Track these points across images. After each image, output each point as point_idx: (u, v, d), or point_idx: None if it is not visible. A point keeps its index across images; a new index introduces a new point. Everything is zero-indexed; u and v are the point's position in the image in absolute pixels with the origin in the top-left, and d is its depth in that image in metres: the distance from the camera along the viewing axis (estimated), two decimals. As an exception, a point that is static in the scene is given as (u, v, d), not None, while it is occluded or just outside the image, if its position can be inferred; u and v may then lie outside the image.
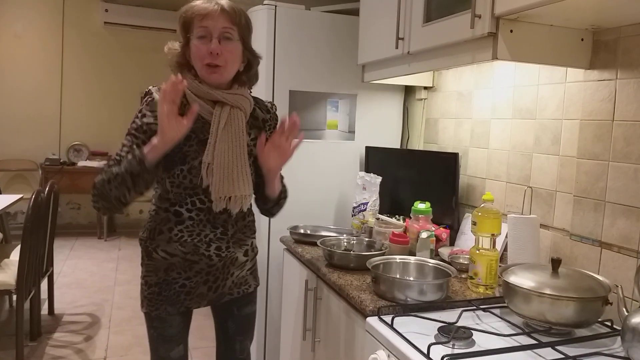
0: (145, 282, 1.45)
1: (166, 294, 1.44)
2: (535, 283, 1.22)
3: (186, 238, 1.41)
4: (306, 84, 2.33)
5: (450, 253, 1.78)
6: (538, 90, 1.67)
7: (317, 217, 2.36)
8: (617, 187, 1.36)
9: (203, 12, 1.34)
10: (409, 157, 2.23)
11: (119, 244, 5.41)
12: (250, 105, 1.47)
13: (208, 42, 1.34)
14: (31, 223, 2.64)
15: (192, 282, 1.45)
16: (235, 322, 1.61)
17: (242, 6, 1.44)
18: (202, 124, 1.39)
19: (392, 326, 1.23)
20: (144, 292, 1.46)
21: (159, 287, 1.44)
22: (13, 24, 5.50)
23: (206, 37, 1.35)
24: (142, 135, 1.35)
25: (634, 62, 1.32)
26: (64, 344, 2.97)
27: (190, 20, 1.36)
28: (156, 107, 1.30)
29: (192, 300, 1.47)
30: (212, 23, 1.34)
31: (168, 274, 1.43)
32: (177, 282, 1.43)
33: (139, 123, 1.36)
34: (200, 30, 1.35)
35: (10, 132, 5.57)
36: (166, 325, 1.46)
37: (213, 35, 1.34)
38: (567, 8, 1.19)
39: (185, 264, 1.43)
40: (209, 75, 1.37)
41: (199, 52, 1.35)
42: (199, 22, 1.34)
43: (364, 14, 2.07)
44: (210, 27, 1.34)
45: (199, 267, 1.45)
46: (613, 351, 1.14)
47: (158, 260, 1.43)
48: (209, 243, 1.44)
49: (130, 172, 1.28)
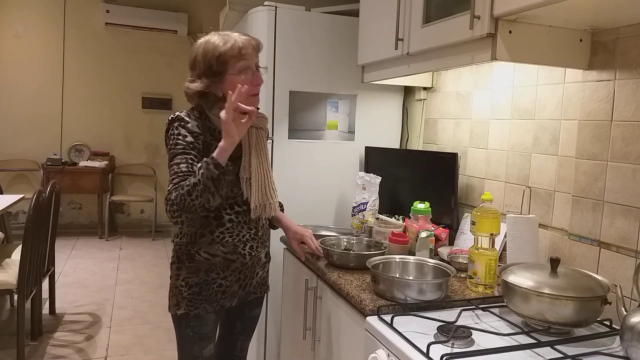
0: (186, 283, 1.52)
1: (205, 294, 1.53)
2: (534, 282, 1.22)
3: (227, 239, 1.53)
4: (306, 85, 2.33)
5: (450, 252, 1.79)
6: (537, 91, 1.68)
7: (317, 217, 2.37)
8: (615, 187, 1.37)
9: (244, 49, 1.45)
10: (408, 157, 2.24)
11: (120, 244, 5.42)
12: (266, 122, 1.63)
13: (250, 75, 1.47)
14: (32, 223, 2.65)
15: (228, 280, 1.55)
16: (243, 322, 1.72)
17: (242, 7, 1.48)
18: None
19: (391, 325, 1.24)
20: (183, 293, 1.52)
21: (199, 287, 1.52)
22: (14, 25, 5.51)
23: (246, 71, 1.46)
24: (192, 151, 1.45)
25: (632, 63, 1.33)
26: (65, 344, 2.98)
27: (229, 59, 1.44)
28: (192, 129, 1.45)
29: (226, 299, 1.57)
30: (250, 58, 1.47)
31: (208, 275, 1.52)
32: (215, 281, 1.53)
33: (184, 143, 1.44)
34: (241, 66, 1.45)
35: (12, 132, 5.58)
36: (203, 324, 1.54)
37: (252, 68, 1.48)
38: (566, 9, 1.19)
39: (225, 263, 1.54)
40: (252, 103, 1.47)
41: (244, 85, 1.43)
42: (237, 59, 1.45)
43: (364, 15, 2.08)
44: (249, 61, 1.47)
45: (234, 266, 1.56)
46: (612, 350, 1.15)
47: (200, 261, 1.52)
48: (245, 242, 1.57)
49: (210, 178, 1.36)
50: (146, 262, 4.75)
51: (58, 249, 4.23)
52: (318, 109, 2.36)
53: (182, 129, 1.45)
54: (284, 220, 1.77)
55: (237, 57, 1.44)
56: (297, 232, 1.74)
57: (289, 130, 2.32)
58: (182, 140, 1.45)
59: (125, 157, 6.01)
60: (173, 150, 1.45)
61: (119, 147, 5.98)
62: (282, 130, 2.31)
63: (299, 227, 1.77)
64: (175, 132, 1.46)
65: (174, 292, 1.54)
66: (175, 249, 1.56)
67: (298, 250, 1.77)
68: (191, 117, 1.48)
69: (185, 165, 1.42)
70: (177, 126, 1.46)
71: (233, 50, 1.44)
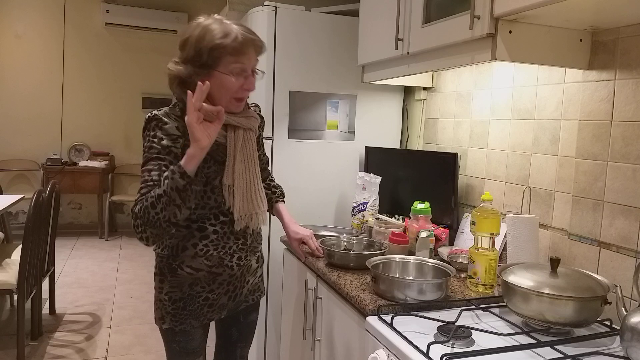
0: (169, 298, 1.43)
1: (190, 308, 1.44)
2: (534, 282, 1.22)
3: (212, 252, 1.42)
4: (306, 85, 2.33)
5: (450, 252, 1.79)
6: (537, 91, 1.68)
7: (317, 217, 2.37)
8: (615, 187, 1.37)
9: (243, 48, 1.30)
10: (408, 157, 2.24)
11: (120, 244, 5.42)
12: (257, 122, 1.49)
13: (242, 78, 1.34)
14: (32, 223, 2.65)
15: (215, 294, 1.46)
16: (240, 329, 1.64)
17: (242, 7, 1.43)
18: (217, 147, 1.38)
19: (391, 325, 1.24)
20: (166, 308, 1.43)
21: (184, 302, 1.43)
22: (14, 25, 5.51)
23: (241, 73, 1.33)
24: (167, 156, 1.31)
25: (632, 63, 1.33)
26: (65, 344, 2.98)
27: (222, 52, 1.29)
28: (170, 131, 1.31)
29: (214, 312, 1.48)
30: (247, 60, 1.33)
31: (192, 289, 1.43)
32: (200, 295, 1.44)
33: (158, 147, 1.31)
34: (236, 67, 1.32)
35: (12, 132, 5.58)
36: (189, 339, 1.46)
37: (247, 72, 1.34)
38: (566, 9, 1.19)
39: (210, 277, 1.44)
40: (236, 106, 1.38)
41: (232, 88, 1.33)
42: (235, 58, 1.30)
43: (364, 15, 2.08)
44: (246, 65, 1.33)
45: (222, 278, 1.46)
46: (612, 350, 1.15)
47: (183, 276, 1.42)
48: (232, 254, 1.46)
49: (175, 189, 1.23)
50: (146, 262, 4.75)
51: (58, 249, 4.23)
52: (318, 109, 2.36)
53: (158, 130, 1.31)
54: (284, 217, 1.69)
55: (234, 55, 1.30)
56: (298, 232, 1.69)
57: (289, 130, 2.32)
58: (157, 143, 1.30)
59: (125, 157, 6.01)
60: (146, 154, 1.31)
61: (119, 147, 5.98)
62: (282, 130, 2.31)
63: (300, 227, 1.72)
64: (150, 134, 1.31)
65: (158, 305, 1.44)
66: (157, 259, 1.45)
67: (298, 251, 1.73)
68: (171, 116, 1.34)
69: (157, 173, 1.28)
70: (154, 127, 1.32)
71: (231, 46, 1.29)
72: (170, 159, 1.31)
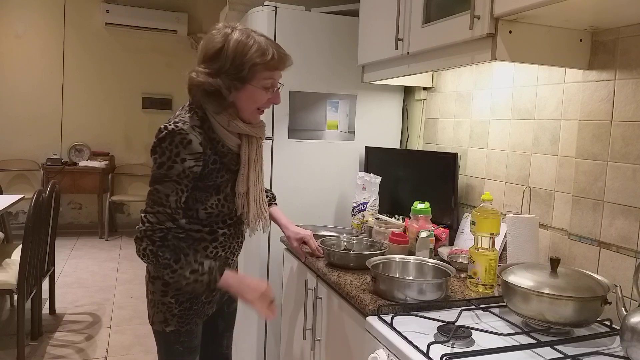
0: (176, 300, 1.42)
1: (195, 307, 1.46)
2: (534, 282, 1.22)
3: (220, 253, 1.46)
4: (306, 85, 2.33)
5: (450, 252, 1.79)
6: (537, 91, 1.68)
7: (317, 217, 2.37)
8: (615, 187, 1.37)
9: (279, 65, 1.36)
10: (408, 157, 2.24)
11: (120, 244, 5.42)
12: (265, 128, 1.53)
13: (270, 92, 1.38)
14: (32, 223, 2.65)
15: (214, 291, 1.49)
16: (225, 319, 1.68)
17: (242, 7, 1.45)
18: (231, 157, 1.40)
19: (391, 325, 1.24)
20: (172, 310, 1.42)
21: (190, 302, 1.44)
22: (14, 25, 5.51)
23: (271, 87, 1.37)
24: (185, 180, 1.30)
25: (632, 63, 1.33)
26: (65, 344, 2.98)
27: (260, 69, 1.32)
28: (195, 149, 1.29)
29: (210, 308, 1.52)
30: (279, 75, 1.39)
31: None
32: (203, 294, 1.47)
33: (179, 169, 1.28)
34: (268, 82, 1.35)
35: (12, 132, 5.58)
36: (193, 337, 1.48)
37: (276, 86, 1.39)
38: (566, 9, 1.19)
39: None
40: (257, 117, 1.42)
41: (260, 100, 1.37)
42: (270, 73, 1.35)
43: (364, 15, 2.08)
44: (276, 79, 1.39)
45: None
46: (612, 350, 1.15)
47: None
48: (234, 253, 1.52)
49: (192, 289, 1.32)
50: (146, 262, 4.75)
51: (58, 249, 4.23)
52: (318, 109, 2.36)
53: (182, 148, 1.27)
54: (282, 219, 1.74)
55: (270, 71, 1.34)
56: (297, 233, 1.72)
57: (289, 130, 2.32)
58: (179, 164, 1.27)
59: (125, 157, 6.01)
60: (164, 172, 1.27)
61: (119, 147, 5.98)
62: (282, 130, 2.31)
63: (299, 228, 1.75)
64: (174, 152, 1.27)
65: (160, 309, 1.43)
66: None
67: (299, 251, 1.75)
68: (195, 130, 1.30)
69: (175, 199, 1.29)
70: (178, 144, 1.27)
71: (269, 64, 1.32)
72: (186, 183, 1.30)
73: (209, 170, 1.34)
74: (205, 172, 1.33)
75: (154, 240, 1.27)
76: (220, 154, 1.36)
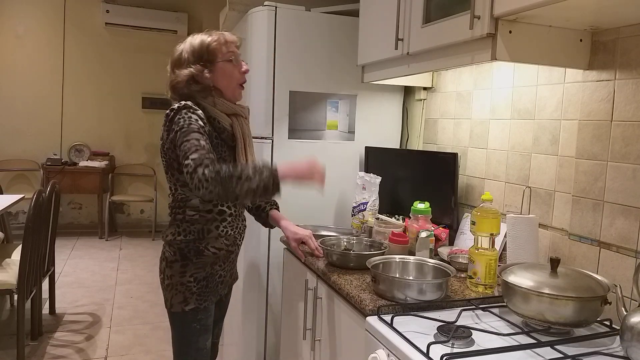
0: (195, 278, 1.55)
1: (211, 286, 1.60)
2: (534, 282, 1.22)
3: (230, 232, 1.60)
4: (306, 85, 2.33)
5: (450, 252, 1.79)
6: (537, 91, 1.68)
7: (317, 217, 2.37)
8: (615, 187, 1.37)
9: (231, 41, 1.55)
10: (408, 157, 2.24)
11: (120, 244, 5.42)
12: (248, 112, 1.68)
13: (238, 65, 1.56)
14: (32, 223, 2.65)
15: (226, 271, 1.65)
16: (221, 307, 1.78)
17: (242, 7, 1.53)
18: (227, 134, 1.57)
19: (391, 325, 1.24)
20: (192, 289, 1.55)
21: (206, 281, 1.58)
22: (14, 25, 5.51)
23: (234, 60, 1.55)
24: (205, 134, 1.45)
25: (632, 63, 1.33)
26: (65, 344, 2.98)
27: (218, 47, 1.52)
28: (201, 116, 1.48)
29: (223, 288, 1.67)
30: (235, 48, 1.56)
31: (213, 268, 1.59)
32: (217, 273, 1.61)
33: (199, 124, 1.45)
34: (230, 55, 1.54)
35: (12, 132, 5.58)
36: (209, 315, 1.61)
37: (238, 57, 1.56)
38: (566, 9, 1.19)
39: (226, 255, 1.62)
40: (240, 94, 1.60)
41: (234, 74, 1.55)
42: (227, 48, 1.53)
43: (364, 15, 2.08)
44: (236, 53, 1.56)
45: (232, 256, 1.66)
46: (612, 350, 1.15)
47: (208, 256, 1.57)
48: (241, 233, 1.67)
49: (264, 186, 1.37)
50: (146, 262, 4.75)
51: (58, 249, 4.23)
52: (318, 109, 2.36)
53: (192, 114, 1.46)
54: (281, 221, 1.78)
55: (226, 45, 1.52)
56: (297, 233, 1.75)
57: (289, 130, 2.32)
58: (195, 123, 1.45)
59: (125, 157, 6.01)
60: (187, 129, 1.42)
61: (119, 147, 5.98)
62: (282, 130, 2.31)
63: (298, 228, 1.77)
64: (186, 116, 1.45)
65: (179, 290, 1.54)
66: (176, 246, 1.55)
67: (297, 251, 1.77)
68: (193, 107, 1.49)
69: (204, 144, 1.40)
70: (187, 112, 1.47)
71: (220, 40, 1.52)
72: (206, 137, 1.44)
73: (214, 144, 1.51)
74: (212, 145, 1.50)
75: (206, 164, 1.35)
76: (218, 130, 1.54)
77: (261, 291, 2.34)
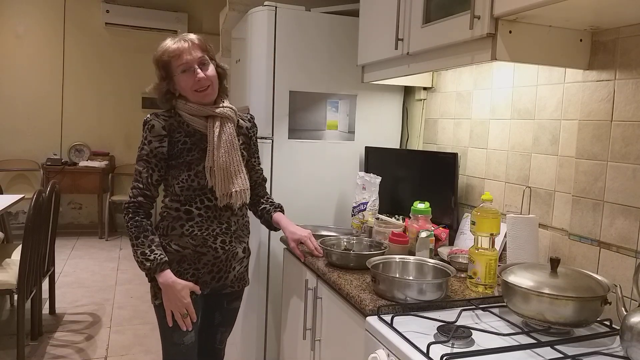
0: None
1: None
2: (534, 282, 1.22)
3: (196, 232, 1.61)
4: (306, 85, 2.33)
5: (450, 252, 1.79)
6: (537, 91, 1.68)
7: (317, 217, 2.37)
8: (615, 187, 1.37)
9: (178, 52, 1.55)
10: (408, 157, 2.24)
11: (120, 244, 5.42)
12: (235, 115, 1.68)
13: (192, 74, 1.56)
14: (32, 223, 2.65)
15: (200, 272, 1.63)
16: (222, 314, 1.78)
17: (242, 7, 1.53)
18: (200, 137, 1.62)
19: (391, 325, 1.24)
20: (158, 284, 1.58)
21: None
22: (14, 25, 5.51)
23: (188, 70, 1.56)
24: (153, 159, 1.58)
25: (632, 63, 1.33)
26: (65, 344, 2.98)
27: (169, 61, 1.57)
28: (158, 132, 1.58)
29: (203, 290, 1.64)
30: (189, 57, 1.56)
31: (180, 265, 1.61)
32: (187, 272, 1.61)
33: (147, 149, 1.58)
34: (181, 67, 1.56)
35: (12, 132, 5.58)
36: None
37: (193, 66, 1.56)
38: (566, 9, 1.19)
39: (195, 256, 1.61)
40: (203, 97, 1.59)
41: (187, 84, 1.57)
42: (177, 61, 1.56)
43: (364, 15, 2.08)
44: (189, 61, 1.56)
45: (206, 259, 1.63)
46: (612, 350, 1.15)
47: (171, 253, 1.60)
48: (216, 237, 1.63)
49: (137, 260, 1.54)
50: (146, 262, 4.74)
51: (58, 249, 4.23)
52: (318, 109, 2.36)
53: (148, 132, 1.58)
54: (282, 221, 1.79)
55: (175, 59, 1.55)
56: (295, 233, 1.77)
57: (289, 130, 2.32)
58: (147, 146, 1.58)
59: (125, 157, 6.01)
60: (138, 154, 1.60)
61: (119, 147, 5.98)
62: (282, 130, 2.31)
63: (298, 228, 1.78)
64: (144, 135, 1.58)
65: (152, 284, 1.61)
66: None
67: (296, 251, 1.79)
68: (160, 117, 1.59)
69: (146, 176, 1.57)
70: (146, 129, 1.58)
71: (164, 56, 1.57)
72: (155, 162, 1.58)
73: (179, 149, 1.58)
74: (175, 152, 1.58)
75: (127, 212, 1.56)
76: (189, 134, 1.60)
77: (261, 291, 2.34)
